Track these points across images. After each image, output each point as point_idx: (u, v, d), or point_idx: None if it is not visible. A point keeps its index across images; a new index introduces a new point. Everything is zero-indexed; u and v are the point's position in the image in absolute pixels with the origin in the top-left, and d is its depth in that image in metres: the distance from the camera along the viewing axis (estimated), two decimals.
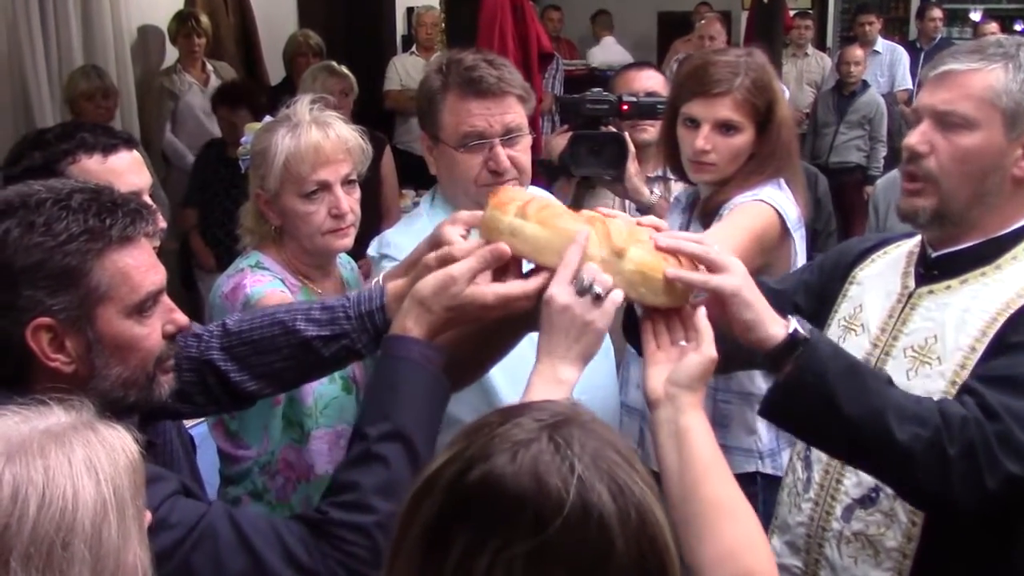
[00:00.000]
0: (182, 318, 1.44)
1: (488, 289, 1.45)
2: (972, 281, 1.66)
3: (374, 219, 4.41)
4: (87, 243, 1.30)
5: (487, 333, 1.57)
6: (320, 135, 2.10)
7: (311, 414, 2.10)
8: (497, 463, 0.92)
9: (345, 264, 2.40)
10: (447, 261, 1.49)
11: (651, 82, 3.18)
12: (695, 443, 1.35)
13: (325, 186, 2.11)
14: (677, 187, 2.78)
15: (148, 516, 1.11)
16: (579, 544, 0.90)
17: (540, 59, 4.58)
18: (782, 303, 1.73)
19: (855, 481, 1.72)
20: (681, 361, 1.41)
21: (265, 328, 1.60)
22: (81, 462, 0.99)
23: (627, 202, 2.89)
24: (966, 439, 1.44)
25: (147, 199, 1.83)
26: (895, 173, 4.27)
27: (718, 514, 1.30)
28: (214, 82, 5.95)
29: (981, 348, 1.59)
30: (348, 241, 2.18)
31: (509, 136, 2.09)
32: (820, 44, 9.12)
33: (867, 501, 1.70)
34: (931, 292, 1.70)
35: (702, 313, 1.44)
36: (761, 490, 2.36)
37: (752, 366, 2.05)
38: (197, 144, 5.60)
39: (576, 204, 2.71)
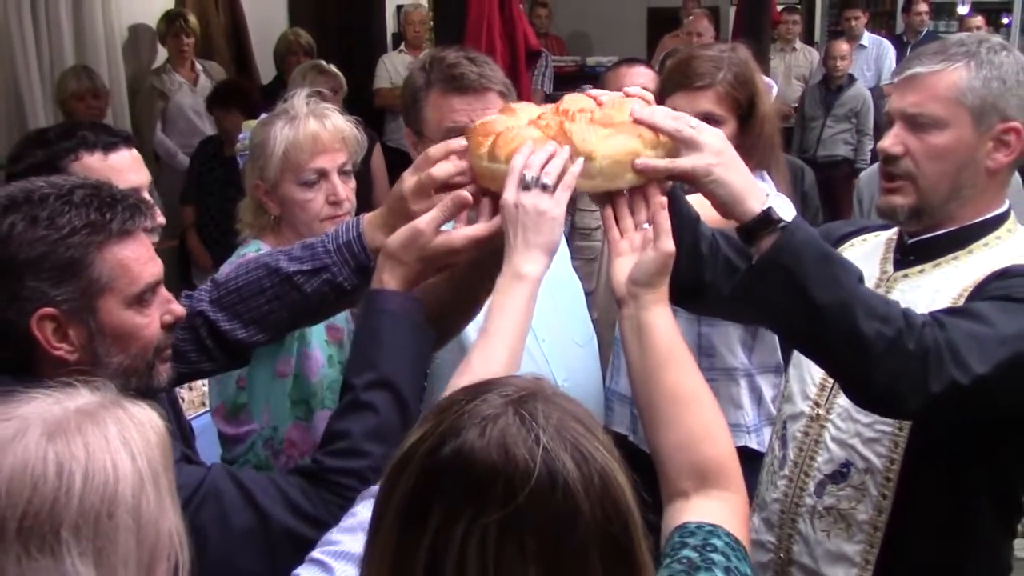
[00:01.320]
0: (179, 308, 1.49)
1: (456, 234, 1.51)
2: (944, 265, 1.73)
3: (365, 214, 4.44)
4: (88, 236, 1.36)
5: (464, 276, 1.62)
6: (318, 125, 2.18)
7: (316, 392, 2.16)
8: (468, 438, 0.97)
9: None
10: (423, 183, 1.57)
11: (642, 78, 3.20)
12: (656, 335, 1.40)
13: (323, 174, 2.19)
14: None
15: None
16: (547, 510, 0.96)
17: (528, 56, 4.61)
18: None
19: (827, 457, 1.78)
20: (640, 258, 1.45)
21: (251, 273, 1.68)
22: (116, 438, 1.03)
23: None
24: (923, 342, 1.48)
25: (146, 196, 1.87)
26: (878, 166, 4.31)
27: (677, 402, 1.35)
28: (203, 81, 5.97)
29: None
30: None
31: None
32: (807, 38, 9.16)
33: (838, 476, 1.76)
34: (906, 276, 1.77)
35: (661, 208, 1.47)
36: (746, 465, 2.40)
37: (734, 316, 2.11)
38: (188, 143, 5.63)
39: (568, 214, 2.74)
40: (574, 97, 1.60)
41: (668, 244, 1.43)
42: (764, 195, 1.51)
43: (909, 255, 1.78)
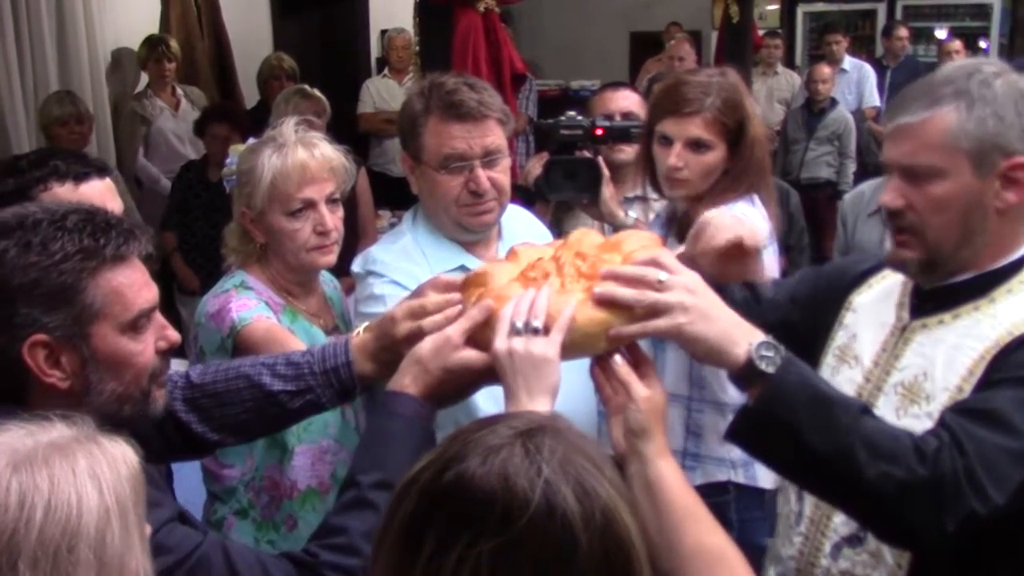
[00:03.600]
0: (174, 334, 1.47)
1: (474, 354, 1.49)
2: (965, 315, 1.61)
3: (351, 239, 4.42)
4: (81, 262, 1.34)
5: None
6: (306, 154, 2.17)
7: (294, 431, 2.13)
8: (469, 465, 0.98)
9: (328, 282, 2.45)
10: (416, 315, 1.56)
11: (627, 102, 3.22)
12: (667, 491, 1.33)
13: (310, 204, 2.18)
14: (656, 206, 2.83)
15: (148, 528, 1.13)
16: (543, 541, 0.95)
17: (513, 80, 4.62)
18: (764, 314, 1.71)
19: (844, 519, 1.68)
20: (628, 408, 1.39)
21: (230, 381, 1.65)
22: (84, 471, 1.02)
23: (604, 225, 2.94)
24: (937, 473, 1.39)
25: None
26: (862, 188, 4.32)
27: (702, 565, 1.27)
28: (185, 106, 5.96)
29: (968, 388, 1.55)
30: (332, 258, 2.24)
31: (489, 158, 2.14)
32: (789, 62, 9.24)
33: (855, 540, 1.67)
34: (924, 326, 1.66)
35: (619, 365, 1.43)
36: (734, 500, 2.39)
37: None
38: (170, 168, 5.60)
39: (555, 227, 2.76)
40: (581, 233, 1.58)
41: (640, 391, 1.39)
42: (747, 340, 1.43)
43: (927, 302, 1.66)
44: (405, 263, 2.14)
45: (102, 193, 1.90)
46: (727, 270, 1.58)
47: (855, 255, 2.01)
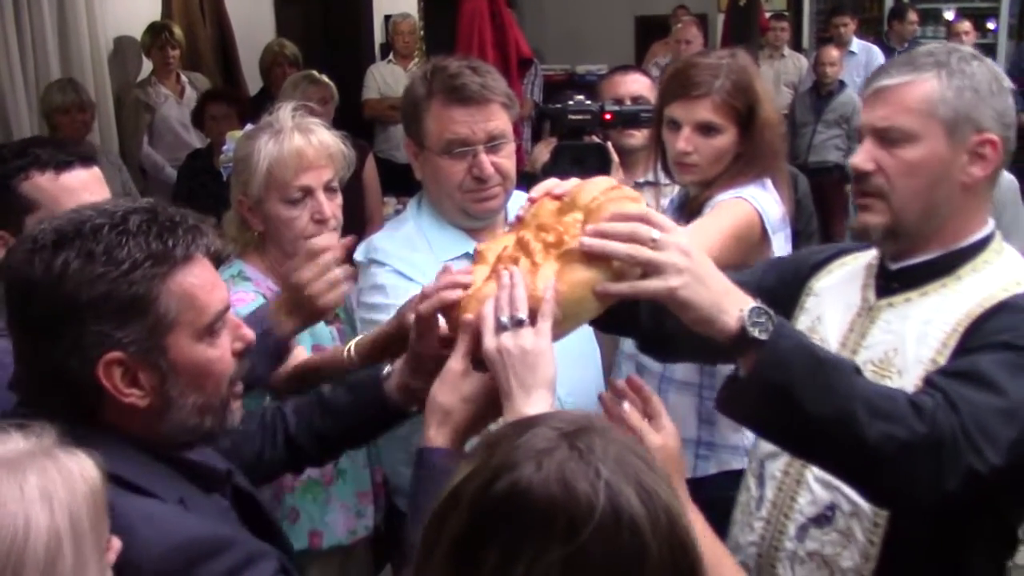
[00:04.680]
0: (249, 333, 1.37)
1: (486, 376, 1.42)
2: (932, 293, 1.64)
3: (358, 227, 4.40)
4: (152, 268, 1.23)
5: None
6: (303, 141, 2.11)
7: None
8: (523, 473, 0.91)
9: None
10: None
11: (637, 86, 3.18)
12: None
13: (308, 192, 2.13)
14: (668, 192, 2.78)
15: (115, 544, 1.05)
16: (613, 549, 0.89)
17: (519, 65, 4.59)
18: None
19: (809, 499, 1.68)
20: None
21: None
22: (34, 489, 0.95)
23: None
24: (936, 432, 1.39)
25: None
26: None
27: None
28: (189, 93, 5.93)
29: (943, 360, 1.56)
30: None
31: (493, 143, 2.11)
32: (796, 45, 9.17)
33: (822, 520, 1.66)
34: (891, 305, 1.68)
35: (629, 413, 1.40)
36: None
37: (698, 359, 2.04)
38: (175, 156, 5.58)
39: None
40: (536, 207, 1.51)
41: (654, 439, 1.35)
42: (738, 307, 1.40)
43: (893, 282, 1.69)
44: (407, 251, 2.11)
45: (85, 183, 1.85)
46: None
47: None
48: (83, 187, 1.83)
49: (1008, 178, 3.77)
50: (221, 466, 1.39)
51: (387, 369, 1.65)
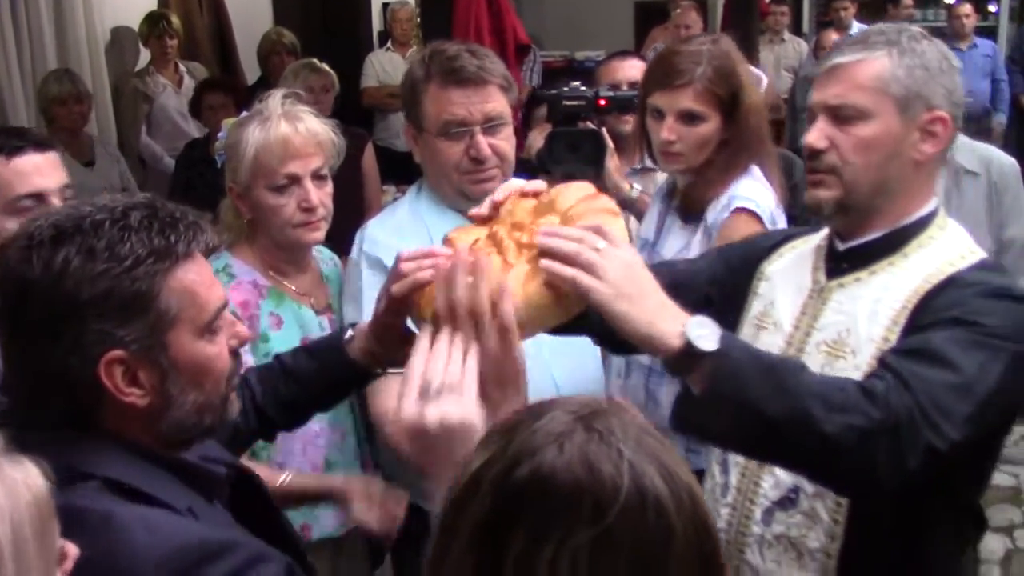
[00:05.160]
0: (244, 330, 1.36)
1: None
2: (881, 271, 1.66)
3: (357, 215, 4.39)
4: (154, 264, 1.20)
5: None
6: (289, 129, 2.11)
7: None
8: (546, 457, 0.90)
9: (327, 260, 2.40)
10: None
11: (634, 71, 3.17)
12: None
13: (295, 179, 2.12)
14: (661, 178, 2.78)
15: (71, 552, 1.01)
16: (640, 529, 0.89)
17: (517, 51, 4.57)
18: (692, 292, 1.72)
19: (772, 483, 1.69)
20: None
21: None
22: None
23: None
24: (892, 415, 1.40)
25: (54, 200, 1.86)
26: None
27: None
28: (188, 83, 5.91)
29: (894, 338, 1.58)
30: (319, 235, 2.18)
31: (490, 124, 2.12)
32: (796, 29, 9.13)
33: (787, 503, 1.67)
34: (841, 286, 1.69)
35: None
36: None
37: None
38: (173, 146, 5.56)
39: None
40: (513, 202, 1.47)
41: None
42: (679, 323, 1.39)
43: (842, 262, 1.70)
44: (396, 239, 2.09)
45: (38, 167, 1.87)
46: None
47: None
48: (36, 171, 1.86)
49: (1009, 161, 3.75)
50: (220, 469, 1.36)
51: (349, 333, 1.64)
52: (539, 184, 1.51)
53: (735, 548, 1.74)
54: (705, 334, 1.39)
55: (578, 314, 1.43)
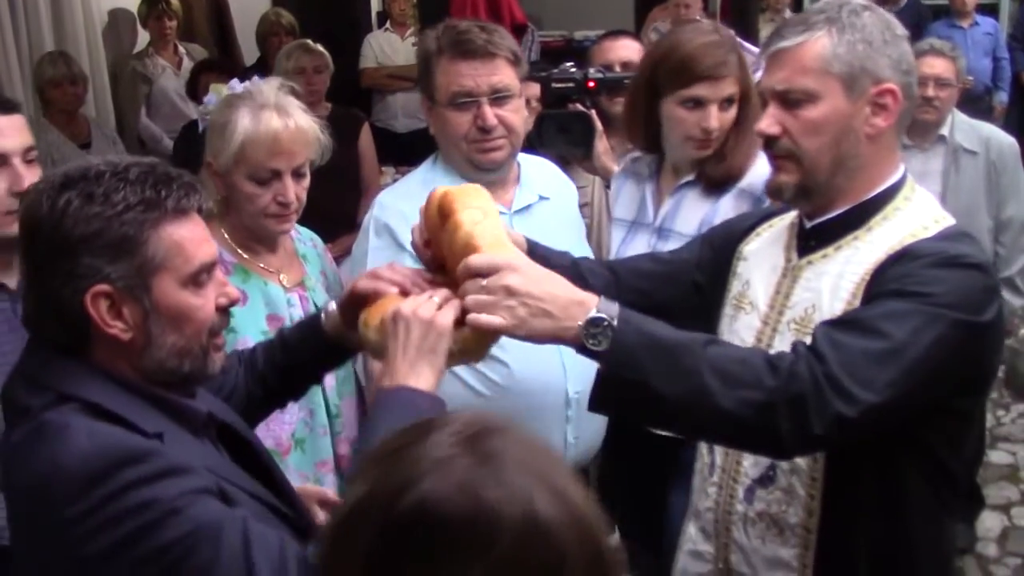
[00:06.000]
0: (234, 292, 1.47)
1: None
2: (846, 247, 1.67)
3: (354, 197, 4.39)
4: (143, 213, 1.34)
5: None
6: (279, 124, 2.14)
7: None
8: (427, 486, 0.87)
9: (306, 240, 2.43)
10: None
11: (626, 51, 3.18)
12: None
13: (276, 174, 2.16)
14: (620, 165, 2.78)
15: None
16: (530, 556, 0.86)
17: (514, 31, 4.55)
18: (681, 280, 1.87)
19: (752, 461, 1.72)
20: None
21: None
22: None
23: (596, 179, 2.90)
24: (795, 386, 1.44)
25: (16, 161, 1.98)
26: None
27: None
28: (187, 64, 5.90)
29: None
30: (289, 226, 2.26)
31: (497, 96, 2.22)
32: (797, 7, 9.07)
33: (766, 480, 1.71)
34: (810, 263, 1.71)
35: None
36: None
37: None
38: (173, 127, 5.56)
39: None
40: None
41: None
42: (575, 321, 1.48)
43: (811, 240, 1.72)
44: (405, 202, 2.20)
45: (2, 129, 1.96)
46: None
47: None
48: None
49: (1008, 140, 3.74)
50: (200, 407, 1.47)
51: (331, 306, 1.75)
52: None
53: (723, 526, 1.77)
54: (599, 331, 1.47)
55: None
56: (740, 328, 1.77)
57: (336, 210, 3.74)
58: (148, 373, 1.39)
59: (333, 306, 1.75)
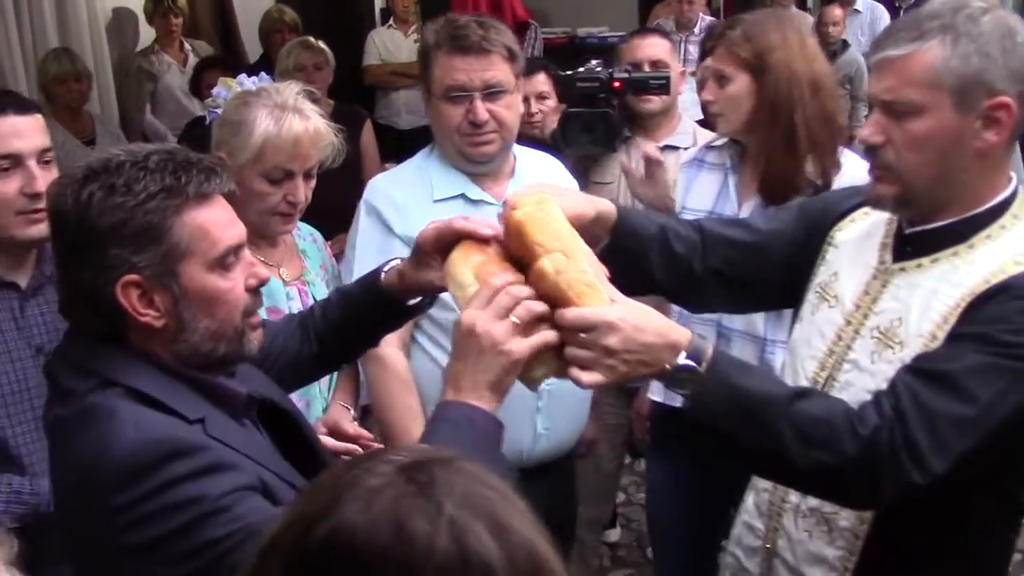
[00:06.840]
0: (263, 272, 1.49)
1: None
2: (943, 261, 1.59)
3: (355, 193, 4.38)
4: (165, 200, 1.36)
5: None
6: (301, 128, 2.17)
7: None
8: (346, 516, 0.79)
9: (306, 235, 2.46)
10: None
11: (655, 49, 3.16)
12: None
13: (289, 174, 2.19)
14: (687, 156, 2.76)
15: None
16: None
17: (516, 28, 4.56)
18: (773, 255, 1.80)
19: None
20: None
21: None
22: None
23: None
24: (874, 450, 1.44)
25: (32, 163, 1.96)
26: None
27: None
28: (192, 61, 5.92)
29: (942, 336, 1.54)
30: (292, 226, 2.31)
31: (490, 91, 2.27)
32: (800, 3, 9.06)
33: None
34: (903, 270, 1.65)
35: None
36: None
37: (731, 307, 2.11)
38: (177, 125, 5.57)
39: (581, 176, 2.76)
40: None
41: None
42: (664, 364, 1.47)
43: (907, 245, 1.65)
44: (396, 187, 2.33)
45: (18, 129, 1.95)
46: None
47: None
48: (15, 133, 1.93)
49: None
50: (241, 389, 1.47)
51: (390, 265, 1.72)
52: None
53: (775, 510, 1.79)
54: (685, 377, 1.49)
55: (642, 278, 1.73)
56: (821, 320, 1.73)
57: (337, 206, 3.75)
58: (184, 358, 1.41)
59: (394, 263, 1.72)
